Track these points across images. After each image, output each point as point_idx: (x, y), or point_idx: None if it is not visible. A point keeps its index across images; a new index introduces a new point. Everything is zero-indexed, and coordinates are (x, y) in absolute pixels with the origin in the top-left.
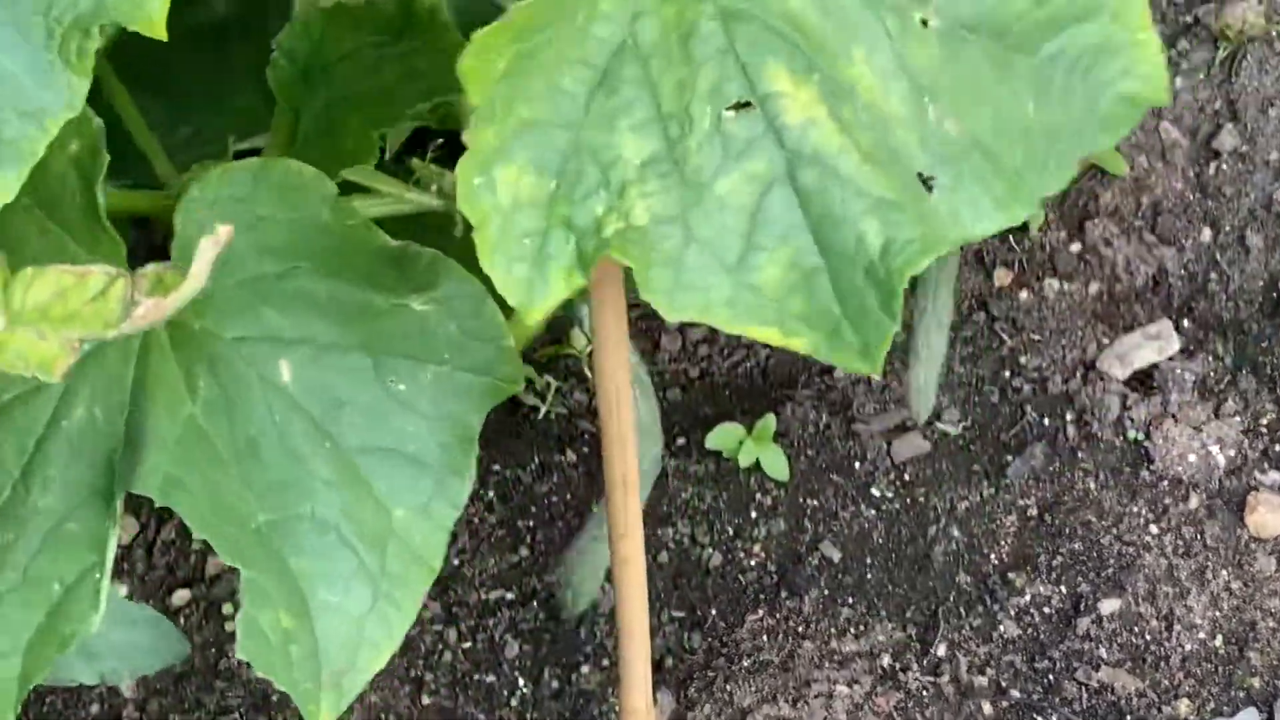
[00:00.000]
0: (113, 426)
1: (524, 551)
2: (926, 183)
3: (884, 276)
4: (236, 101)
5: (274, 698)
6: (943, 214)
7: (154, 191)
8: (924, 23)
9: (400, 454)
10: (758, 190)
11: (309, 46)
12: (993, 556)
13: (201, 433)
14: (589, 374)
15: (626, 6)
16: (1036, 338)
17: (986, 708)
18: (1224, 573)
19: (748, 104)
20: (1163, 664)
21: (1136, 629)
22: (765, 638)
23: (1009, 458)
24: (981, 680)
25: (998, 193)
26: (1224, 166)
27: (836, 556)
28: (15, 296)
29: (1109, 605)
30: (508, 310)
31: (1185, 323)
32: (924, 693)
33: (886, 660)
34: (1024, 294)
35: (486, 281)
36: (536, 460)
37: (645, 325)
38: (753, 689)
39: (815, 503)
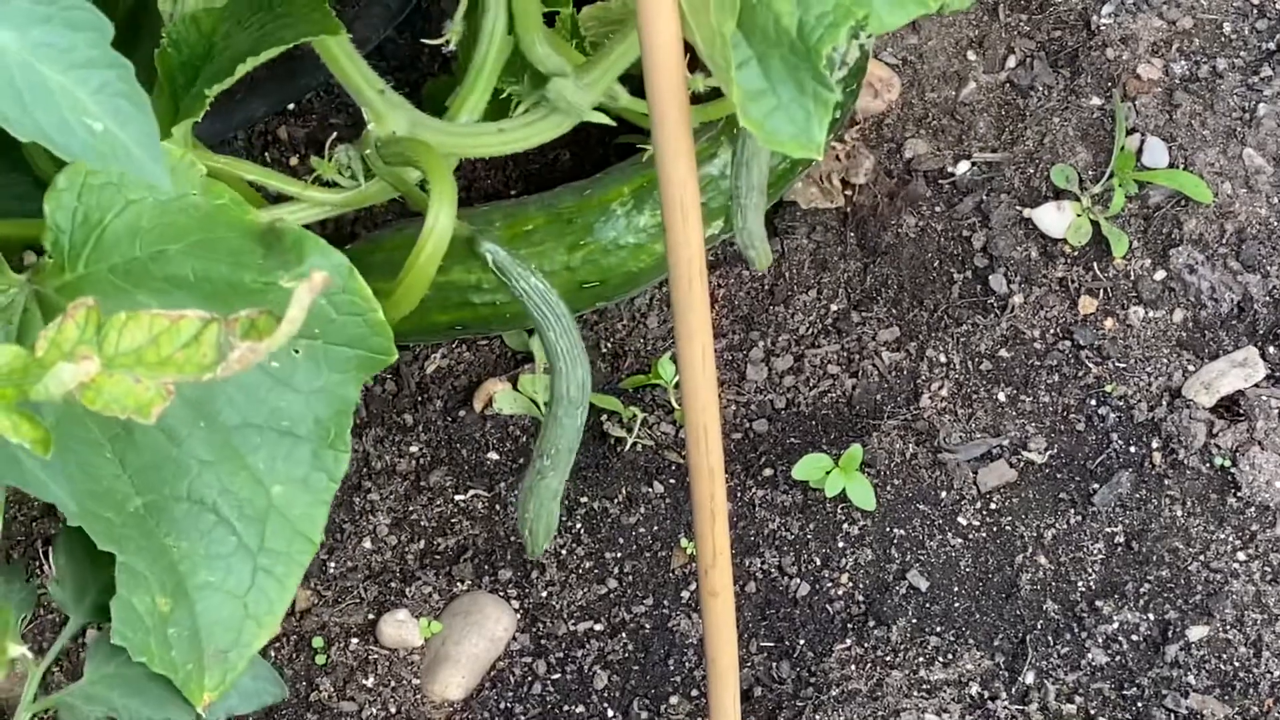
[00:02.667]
0: None
1: (611, 583)
2: None
3: (806, 51)
4: None
5: None
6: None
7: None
8: None
9: (275, 430)
10: None
11: (196, 36)
12: (1080, 584)
13: (77, 417)
14: (675, 405)
15: None
16: (1122, 365)
17: None
18: None
19: None
20: (1251, 690)
21: (1225, 655)
22: (853, 667)
23: (1096, 485)
24: (1070, 708)
25: None
26: None
27: (924, 585)
28: (109, 341)
29: (1197, 632)
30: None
31: (1271, 349)
32: None
33: (975, 689)
34: (1109, 322)
35: (354, 258)
36: (623, 492)
37: (730, 357)
38: (841, 719)
39: (902, 532)
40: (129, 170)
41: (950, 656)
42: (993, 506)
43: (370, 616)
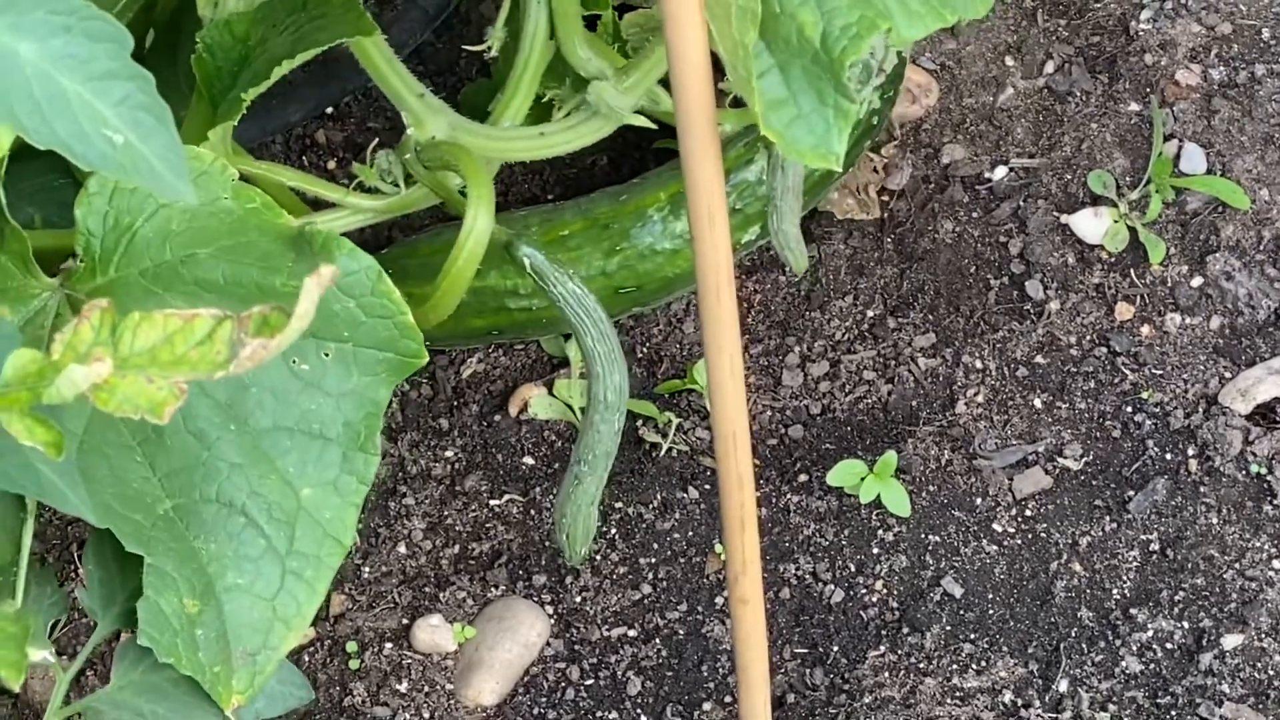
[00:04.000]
0: None
1: (646, 589)
2: None
3: (829, 62)
4: (181, 115)
5: None
6: (878, 4)
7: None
8: None
9: (306, 433)
10: None
11: (231, 41)
12: (1115, 592)
13: (108, 421)
14: (710, 411)
15: None
16: (1158, 372)
17: None
18: None
19: None
20: None
21: (1260, 664)
22: (887, 674)
23: (1131, 493)
24: (1104, 716)
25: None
26: None
27: (958, 592)
28: (124, 341)
29: (1232, 640)
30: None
31: None
32: None
33: (1009, 696)
34: (1145, 329)
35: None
36: (658, 497)
37: (766, 362)
38: None
39: (937, 539)
40: (150, 184)
41: (984, 664)
42: (1028, 513)
43: (404, 621)
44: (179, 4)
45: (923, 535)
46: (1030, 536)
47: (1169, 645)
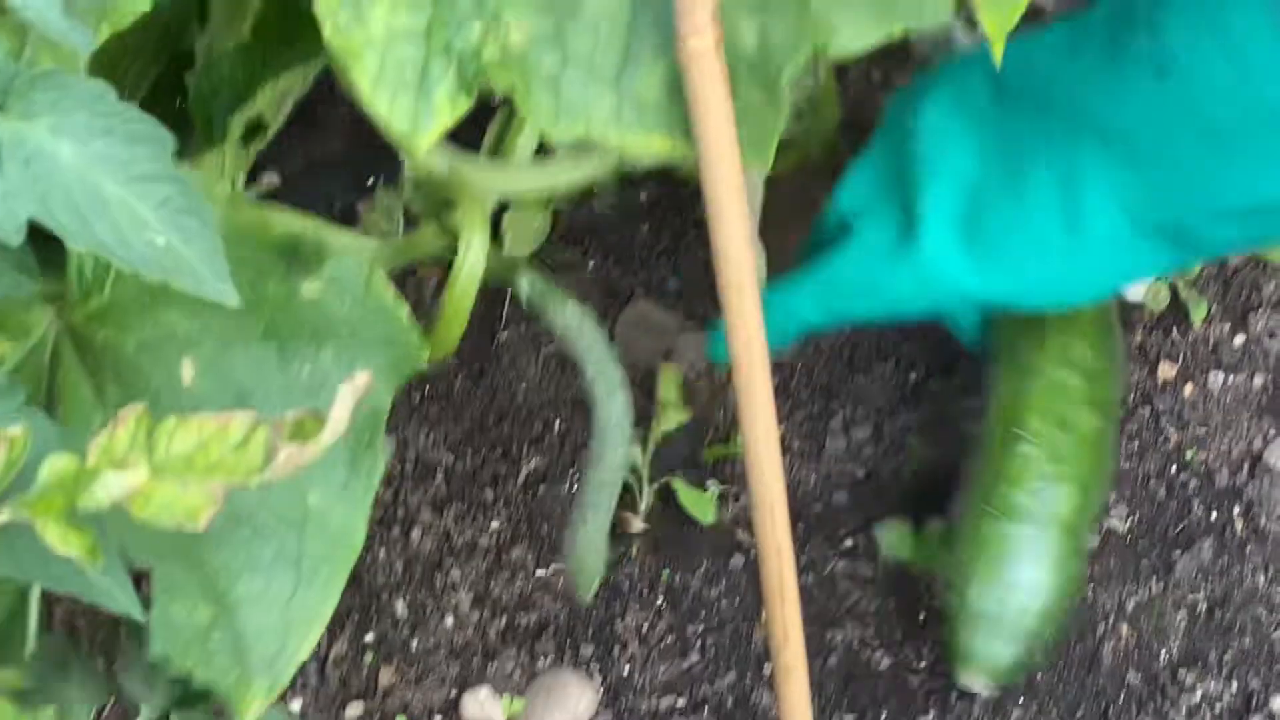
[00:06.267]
0: None
1: (694, 657)
2: None
3: (764, 75)
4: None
5: None
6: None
7: None
8: None
9: None
10: (630, 3)
11: (221, 81)
12: (1163, 654)
13: None
14: None
15: None
16: (1202, 431)
17: None
18: None
19: None
20: None
21: None
22: None
23: (1177, 553)
24: None
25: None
26: None
27: None
28: (159, 448)
29: None
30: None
31: None
32: None
33: None
34: (1189, 387)
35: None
36: (705, 564)
37: (810, 427)
38: None
39: None
40: (192, 286)
41: None
42: None
43: (452, 694)
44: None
45: None
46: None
47: (1218, 707)
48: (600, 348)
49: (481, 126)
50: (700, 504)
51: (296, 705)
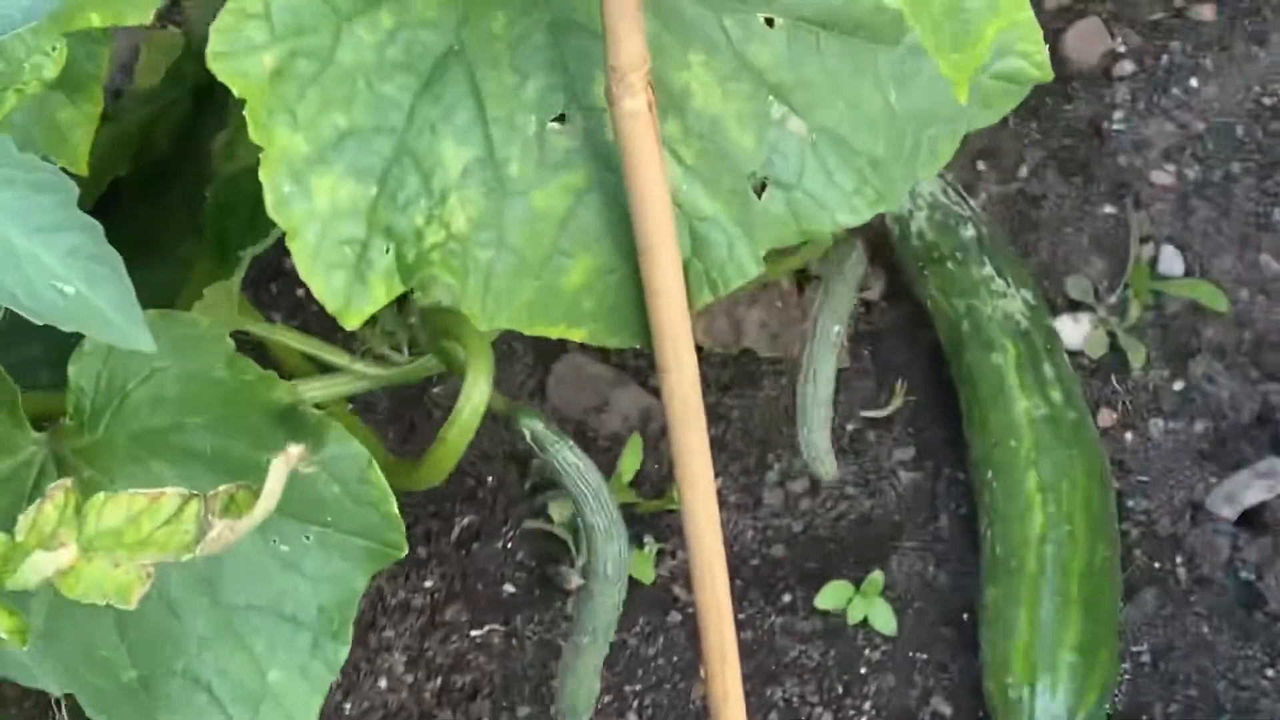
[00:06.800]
0: None
1: (632, 717)
2: (759, 184)
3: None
4: (179, 250)
5: None
6: (774, 214)
7: None
8: (769, 22)
9: (279, 614)
10: (571, 201)
11: (239, 198)
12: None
13: None
14: None
15: (452, 11)
16: (1143, 479)
17: None
18: None
19: (572, 115)
20: None
21: None
22: None
23: (1120, 603)
24: None
25: (849, 185)
26: None
27: (948, 711)
28: (89, 523)
29: None
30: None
31: None
32: None
33: None
34: (1129, 435)
35: (370, 445)
36: (641, 622)
37: (745, 480)
38: None
39: (924, 656)
40: (103, 335)
41: None
42: None
43: None
44: (179, 131)
45: (910, 654)
46: None
47: None
48: (599, 490)
49: None
50: (639, 564)
51: None
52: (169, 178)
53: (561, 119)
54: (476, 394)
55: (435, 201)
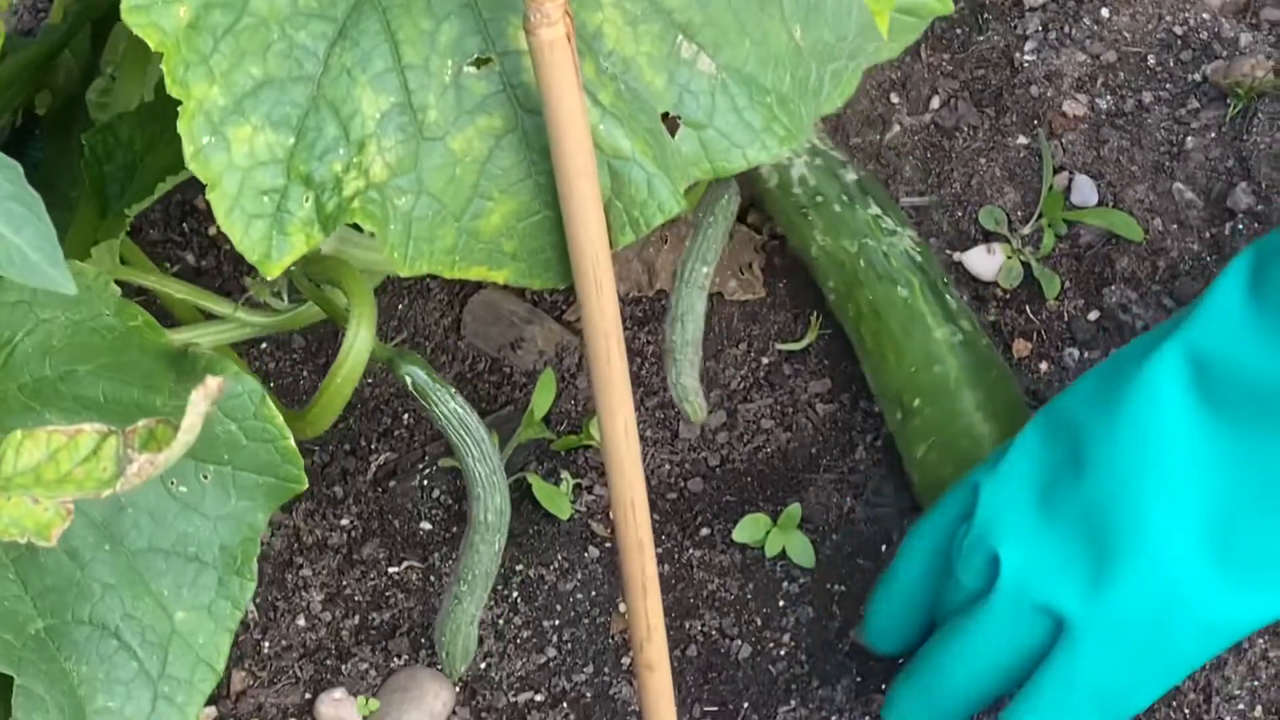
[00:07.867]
0: None
1: (551, 652)
2: (671, 123)
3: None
4: (71, 195)
5: None
6: (687, 152)
7: None
8: None
9: (182, 555)
10: (489, 144)
11: (117, 146)
12: None
13: None
14: None
15: None
16: None
17: None
18: None
19: (488, 59)
20: None
21: None
22: None
23: None
24: None
25: (759, 123)
26: (1239, 226)
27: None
28: (6, 460)
29: None
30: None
31: None
32: None
33: None
34: (1044, 365)
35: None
36: (559, 558)
37: (663, 415)
38: None
39: (842, 588)
40: (26, 277)
41: None
42: None
43: (307, 696)
44: (78, 78)
45: (828, 585)
46: None
47: None
48: (482, 440)
49: None
50: (555, 499)
51: None
52: (69, 118)
53: (478, 64)
54: (360, 342)
55: (353, 149)
